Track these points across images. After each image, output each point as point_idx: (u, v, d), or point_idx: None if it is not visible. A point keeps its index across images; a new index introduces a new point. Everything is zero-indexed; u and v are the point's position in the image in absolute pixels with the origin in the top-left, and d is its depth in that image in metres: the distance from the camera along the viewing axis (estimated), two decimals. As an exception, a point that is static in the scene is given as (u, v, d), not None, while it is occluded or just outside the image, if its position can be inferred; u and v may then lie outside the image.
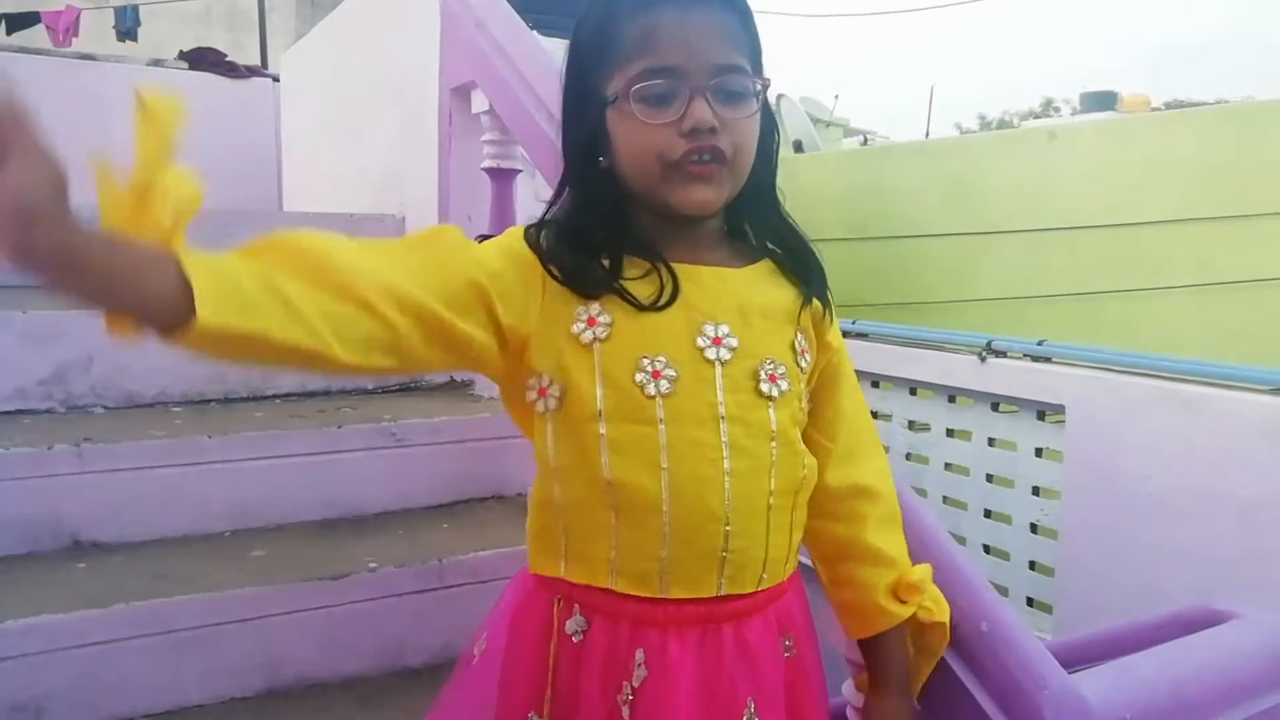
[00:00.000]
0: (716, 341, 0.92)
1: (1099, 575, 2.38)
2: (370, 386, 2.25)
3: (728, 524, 0.91)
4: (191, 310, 0.70)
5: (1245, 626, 1.32)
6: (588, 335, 0.91)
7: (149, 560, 1.66)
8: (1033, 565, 2.64)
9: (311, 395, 2.18)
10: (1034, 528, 2.64)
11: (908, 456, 3.02)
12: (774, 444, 0.93)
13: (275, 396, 2.15)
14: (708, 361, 0.92)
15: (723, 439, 0.91)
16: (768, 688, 0.95)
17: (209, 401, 2.08)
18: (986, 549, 2.78)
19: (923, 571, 1.05)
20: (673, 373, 0.90)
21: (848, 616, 1.07)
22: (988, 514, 2.79)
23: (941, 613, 1.04)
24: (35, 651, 1.42)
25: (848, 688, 1.25)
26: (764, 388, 0.93)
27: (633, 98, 0.89)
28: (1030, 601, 2.65)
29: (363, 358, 0.81)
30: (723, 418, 0.91)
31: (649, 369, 0.90)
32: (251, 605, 1.55)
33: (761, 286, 0.99)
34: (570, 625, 0.95)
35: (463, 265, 0.88)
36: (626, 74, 0.90)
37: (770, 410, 0.93)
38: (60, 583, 1.56)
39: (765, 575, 0.95)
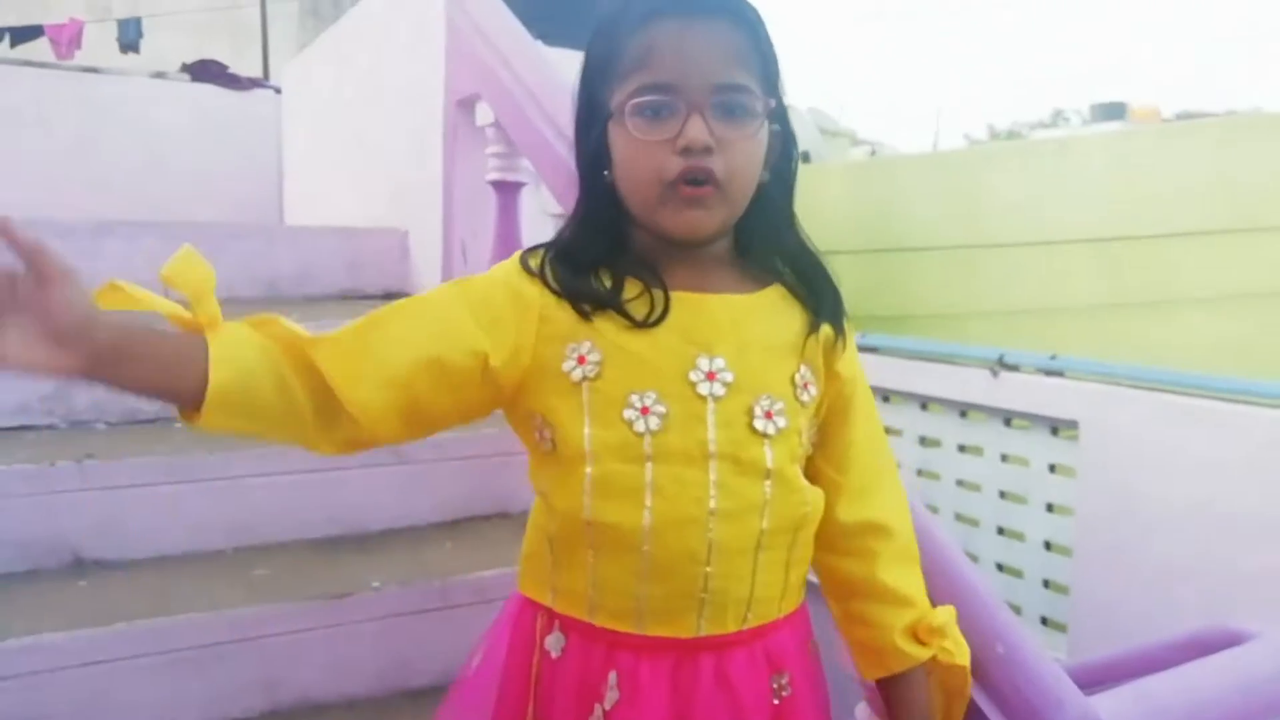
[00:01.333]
0: (710, 376, 0.90)
1: (1114, 593, 2.36)
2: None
3: (708, 565, 0.89)
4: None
5: (1264, 647, 1.29)
6: (577, 374, 0.90)
7: (150, 578, 1.64)
8: (1047, 583, 2.62)
9: (315, 410, 2.16)
10: (1048, 545, 2.62)
11: (919, 472, 3.00)
12: (768, 483, 0.91)
13: (279, 412, 2.13)
14: (700, 397, 0.89)
15: (711, 477, 0.89)
16: None
17: (212, 417, 2.06)
18: (999, 567, 2.76)
19: (947, 614, 1.01)
20: (662, 409, 0.88)
21: (861, 655, 1.03)
22: (1000, 531, 2.77)
23: (962, 655, 1.00)
24: (36, 670, 1.41)
25: (861, 710, 1.23)
26: (758, 424, 0.90)
27: (629, 113, 0.88)
28: (1044, 620, 2.63)
29: (343, 448, 0.90)
30: (713, 455, 0.89)
31: (638, 405, 0.88)
32: (253, 624, 1.54)
33: (767, 315, 0.96)
34: (550, 641, 0.95)
35: (454, 322, 0.90)
36: (625, 89, 0.88)
37: (765, 448, 0.91)
38: (61, 601, 1.54)
39: (750, 615, 0.93)
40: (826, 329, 0.98)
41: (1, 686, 1.38)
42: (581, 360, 0.90)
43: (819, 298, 0.98)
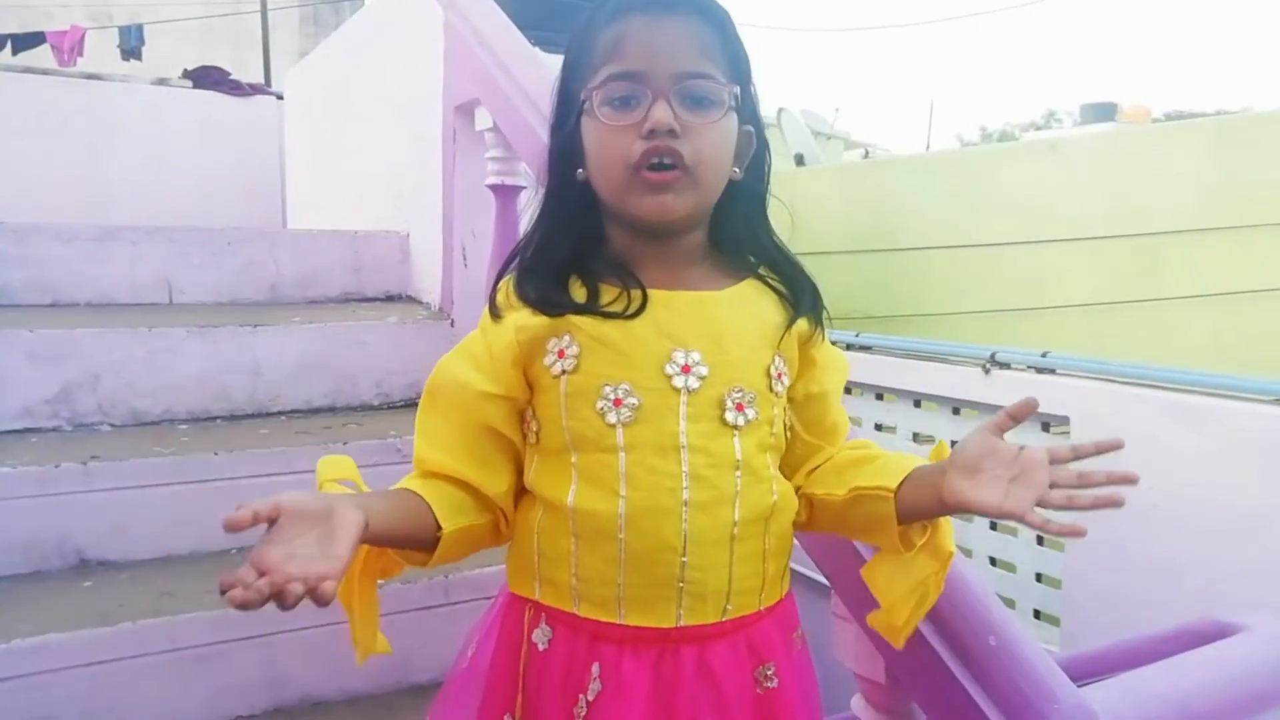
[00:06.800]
0: (685, 369, 0.92)
1: (1106, 586, 2.37)
2: (375, 403, 2.25)
3: (684, 555, 0.90)
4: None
5: (1253, 638, 1.31)
6: (556, 367, 0.93)
7: (155, 578, 1.66)
8: (1039, 577, 2.63)
9: (317, 412, 2.18)
10: (1040, 539, 2.63)
11: (913, 469, 3.01)
12: (738, 474, 0.92)
13: (281, 413, 2.15)
14: (674, 390, 0.91)
15: (683, 469, 0.90)
16: (732, 715, 0.93)
17: (215, 419, 2.08)
18: (993, 561, 2.77)
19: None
20: (635, 400, 0.91)
21: (867, 508, 0.96)
22: (993, 526, 2.77)
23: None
24: (42, 670, 1.42)
25: (857, 702, 1.25)
26: (729, 417, 0.92)
27: (598, 101, 0.91)
28: (1038, 614, 2.64)
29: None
30: (683, 447, 0.90)
31: (610, 397, 0.91)
32: (257, 623, 1.55)
33: (742, 308, 0.97)
34: (537, 634, 0.96)
35: (473, 415, 0.96)
36: (595, 80, 0.91)
37: (734, 439, 0.92)
38: (67, 601, 1.56)
39: (730, 606, 0.94)
40: (803, 321, 0.99)
41: (8, 687, 1.40)
42: (561, 354, 0.92)
43: (797, 292, 0.99)
